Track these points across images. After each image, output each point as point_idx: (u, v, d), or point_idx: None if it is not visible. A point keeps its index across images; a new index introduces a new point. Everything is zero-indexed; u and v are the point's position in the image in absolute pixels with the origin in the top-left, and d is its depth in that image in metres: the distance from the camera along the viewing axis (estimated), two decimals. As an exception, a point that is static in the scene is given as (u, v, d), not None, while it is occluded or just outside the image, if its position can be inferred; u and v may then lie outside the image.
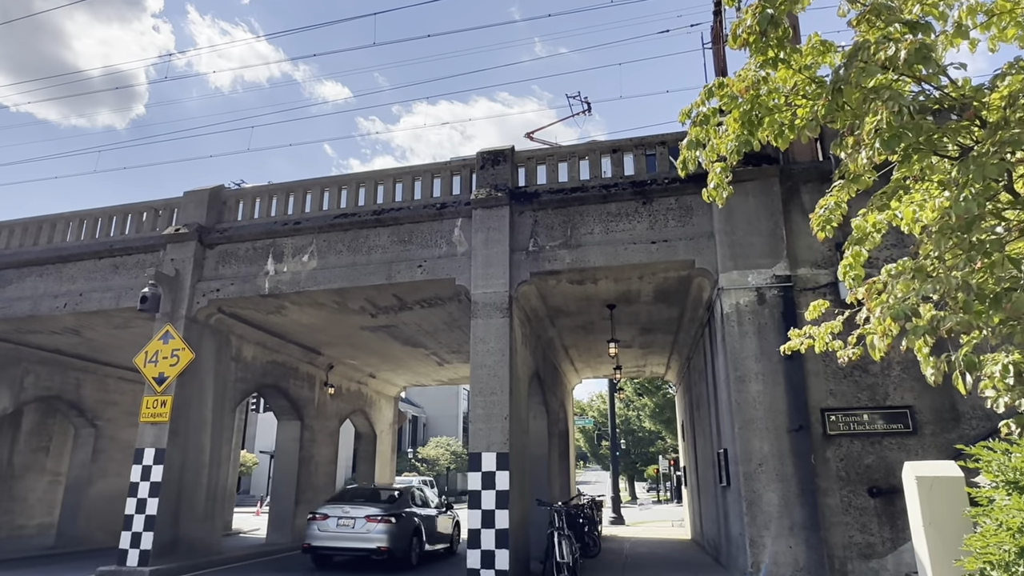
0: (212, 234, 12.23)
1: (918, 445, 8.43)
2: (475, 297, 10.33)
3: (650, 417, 39.55)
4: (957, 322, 2.88)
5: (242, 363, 13.66)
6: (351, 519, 11.67)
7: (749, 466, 8.62)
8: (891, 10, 3.42)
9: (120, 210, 13.37)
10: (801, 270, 9.36)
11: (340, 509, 11.89)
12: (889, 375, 8.73)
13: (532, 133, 20.37)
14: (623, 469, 45.92)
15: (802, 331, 4.84)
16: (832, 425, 8.69)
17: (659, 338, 15.33)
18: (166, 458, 11.00)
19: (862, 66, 3.13)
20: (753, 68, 3.76)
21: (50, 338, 14.52)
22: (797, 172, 9.73)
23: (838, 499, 8.45)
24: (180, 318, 11.72)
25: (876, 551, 8.21)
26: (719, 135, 4.21)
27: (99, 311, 12.56)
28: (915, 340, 3.13)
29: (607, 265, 10.20)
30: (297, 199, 12.26)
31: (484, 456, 9.61)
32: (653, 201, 10.29)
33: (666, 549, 15.16)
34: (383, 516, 11.66)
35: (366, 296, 11.83)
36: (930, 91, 3.65)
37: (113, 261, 12.79)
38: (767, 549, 8.30)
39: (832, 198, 4.20)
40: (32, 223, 13.86)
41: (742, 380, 8.95)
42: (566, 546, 9.47)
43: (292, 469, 15.89)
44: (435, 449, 46.53)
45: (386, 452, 21.00)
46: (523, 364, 11.28)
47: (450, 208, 11.09)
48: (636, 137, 10.90)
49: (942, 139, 3.61)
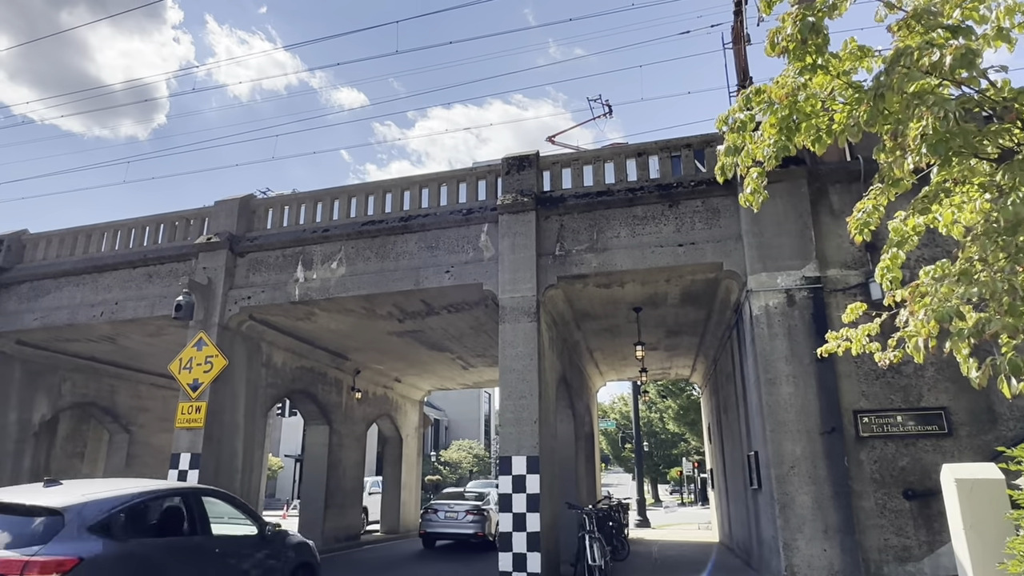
0: (243, 242, 12.46)
1: (954, 447, 8.34)
2: (503, 302, 10.41)
3: (674, 419, 39.35)
4: (1003, 326, 2.89)
5: (272, 369, 13.88)
6: (455, 512, 15.51)
7: (781, 469, 8.58)
8: (932, 15, 3.43)
9: (153, 220, 13.67)
10: (831, 271, 9.31)
11: (446, 505, 15.73)
12: (923, 376, 8.65)
13: (554, 137, 20.43)
14: (646, 471, 45.69)
15: (839, 333, 4.84)
16: (865, 427, 8.63)
17: (685, 340, 15.29)
18: (201, 463, 11.21)
19: (905, 72, 3.15)
20: (792, 75, 3.79)
21: (86, 346, 14.88)
22: (825, 173, 9.68)
23: (872, 502, 8.38)
24: (213, 325, 11.95)
25: (912, 554, 8.14)
26: (754, 140, 4.24)
27: (134, 319, 12.84)
28: (960, 343, 3.14)
29: (634, 268, 10.22)
30: (325, 207, 12.44)
31: (515, 459, 9.67)
32: (679, 204, 10.30)
33: (695, 552, 15.10)
34: (478, 510, 15.35)
35: (394, 302, 11.97)
36: (971, 94, 3.66)
37: (147, 270, 13.08)
38: (801, 552, 8.26)
39: (870, 201, 4.21)
40: (68, 234, 14.22)
41: (772, 382, 8.92)
42: (598, 549, 9.51)
43: (321, 473, 16.09)
44: (457, 452, 46.66)
45: (412, 456, 21.16)
46: (551, 368, 11.34)
47: (476, 214, 11.19)
48: (661, 140, 10.92)
49: (982, 142, 3.62)
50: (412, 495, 21.10)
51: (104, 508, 5.50)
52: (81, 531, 5.17)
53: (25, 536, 5.02)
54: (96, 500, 5.53)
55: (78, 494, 5.56)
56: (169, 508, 6.34)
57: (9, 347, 14.04)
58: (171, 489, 6.70)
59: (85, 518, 5.28)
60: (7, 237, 14.46)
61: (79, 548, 5.03)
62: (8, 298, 13.95)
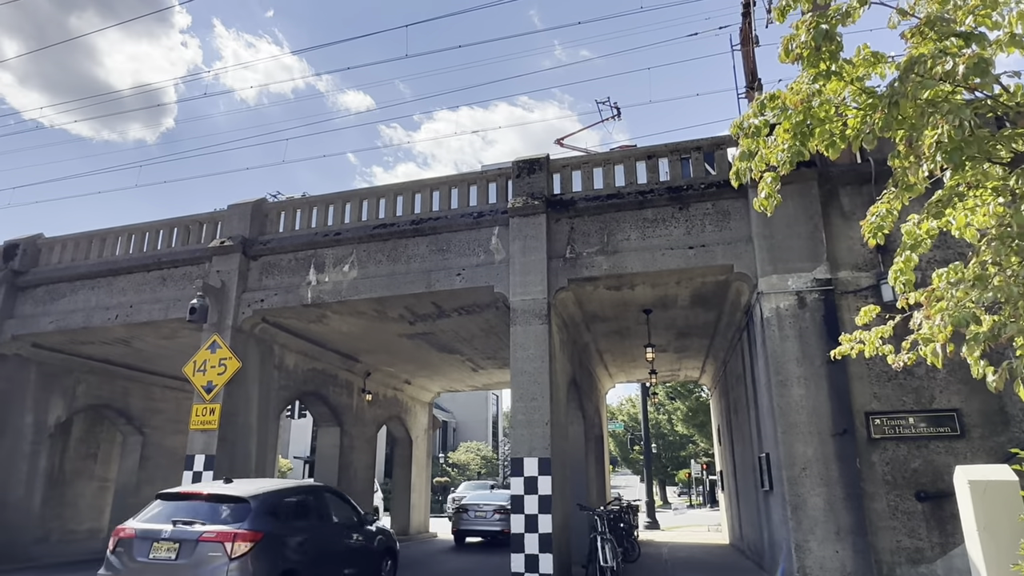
0: (255, 246, 12.58)
1: (967, 448, 8.35)
2: (514, 304, 10.48)
3: (683, 421, 39.29)
4: (1019, 329, 2.93)
5: (284, 371, 14.00)
6: (484, 512, 17.07)
7: (793, 470, 8.61)
8: (945, 22, 3.48)
9: (167, 224, 13.82)
10: (842, 273, 9.33)
11: (476, 506, 17.24)
12: (935, 378, 8.65)
13: (562, 139, 20.47)
14: (654, 473, 45.63)
15: (852, 336, 4.87)
16: (877, 429, 8.65)
17: (695, 342, 15.31)
18: (216, 464, 11.33)
19: (919, 80, 3.20)
20: (806, 81, 3.84)
21: (100, 348, 15.04)
22: (836, 175, 9.70)
23: (885, 503, 8.39)
24: (226, 328, 12.07)
25: (925, 556, 8.14)
26: (768, 145, 4.29)
27: (148, 322, 12.98)
28: (975, 347, 3.18)
29: (644, 271, 10.27)
30: (336, 210, 12.55)
31: (526, 461, 9.73)
32: (689, 206, 10.34)
33: (705, 554, 15.10)
34: (504, 509, 16.03)
35: (405, 304, 12.06)
36: (984, 99, 3.70)
37: (161, 273, 13.22)
38: (813, 554, 8.28)
39: (884, 205, 4.25)
40: (83, 238, 14.38)
41: (784, 384, 8.95)
42: (609, 550, 9.55)
43: (332, 474, 16.18)
44: (465, 454, 46.72)
45: (422, 457, 21.24)
46: (561, 370, 11.40)
47: (487, 217, 11.27)
48: (671, 143, 10.96)
49: (996, 146, 3.66)
50: (422, 497, 21.17)
51: (273, 498, 7.77)
52: (261, 514, 7.34)
53: (229, 517, 7.25)
54: (267, 492, 7.79)
55: (253, 489, 7.73)
56: (306, 499, 8.54)
57: (25, 350, 14.21)
58: (307, 486, 9.44)
59: (264, 505, 7.49)
60: (23, 241, 14.64)
61: (262, 525, 7.23)
62: (24, 301, 14.12)
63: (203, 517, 7.20)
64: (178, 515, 7.28)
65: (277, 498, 7.80)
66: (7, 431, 13.80)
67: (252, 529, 7.01)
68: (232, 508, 7.31)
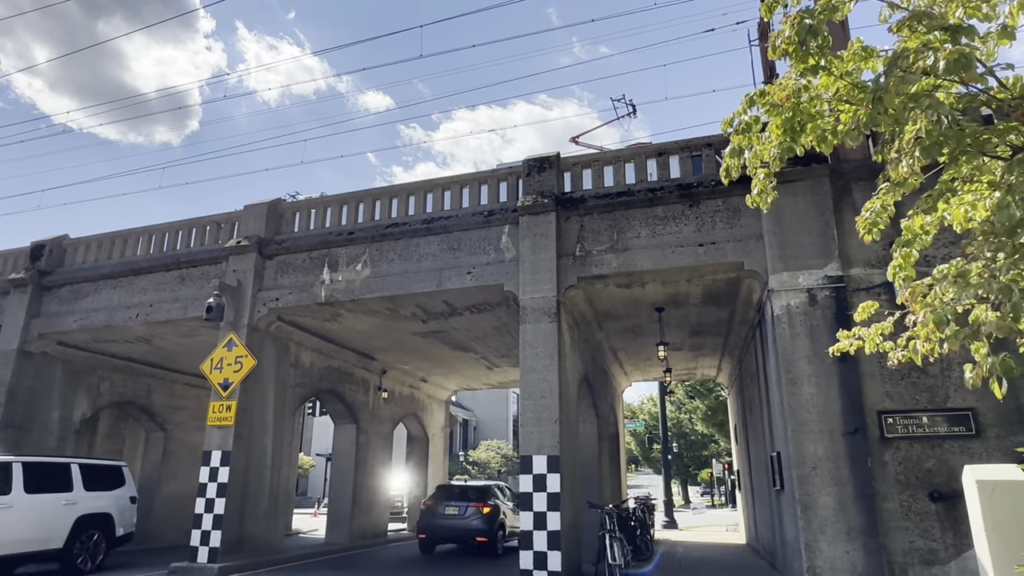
0: (271, 245, 12.77)
1: (982, 448, 8.19)
2: (523, 302, 10.51)
3: (702, 420, 38.97)
4: (998, 327, 2.89)
5: (300, 369, 14.19)
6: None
7: (803, 469, 8.52)
8: (932, 16, 3.43)
9: (185, 224, 14.10)
10: (854, 270, 9.20)
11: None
12: (949, 376, 8.50)
13: (577, 137, 20.45)
14: (676, 473, 45.34)
15: (851, 332, 4.83)
16: (889, 428, 8.52)
17: (709, 340, 15.20)
18: (232, 460, 11.54)
19: (901, 75, 3.17)
20: (794, 77, 3.81)
21: (123, 346, 15.39)
22: (848, 170, 9.57)
23: (897, 503, 8.26)
24: (243, 326, 12.28)
25: (939, 557, 8.01)
26: (761, 141, 4.27)
27: (168, 321, 13.26)
28: (956, 344, 3.14)
29: (654, 268, 10.23)
30: (350, 210, 12.69)
31: (535, 459, 9.76)
32: (700, 203, 10.28)
33: (719, 553, 15.00)
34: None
35: (417, 303, 12.16)
36: (976, 92, 3.64)
37: (180, 273, 13.50)
38: (823, 554, 8.19)
39: (878, 201, 4.20)
40: (105, 239, 14.73)
41: (794, 382, 8.86)
42: (618, 548, 9.54)
43: (349, 472, 16.37)
44: (486, 452, 46.86)
45: (439, 455, 21.37)
46: (572, 368, 11.40)
47: (497, 215, 11.31)
48: (681, 140, 10.90)
49: (991, 140, 3.60)
50: (439, 494, 21.30)
51: (488, 488, 15.66)
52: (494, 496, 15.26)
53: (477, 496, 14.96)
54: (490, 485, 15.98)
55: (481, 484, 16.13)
56: (488, 488, 15.58)
57: (51, 348, 14.60)
58: (493, 483, 16.50)
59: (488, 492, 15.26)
60: (49, 242, 15.04)
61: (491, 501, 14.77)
62: (50, 301, 14.51)
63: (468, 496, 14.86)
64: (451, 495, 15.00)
65: (492, 486, 15.85)
66: (34, 427, 14.19)
67: (486, 503, 14.59)
68: (478, 491, 15.12)
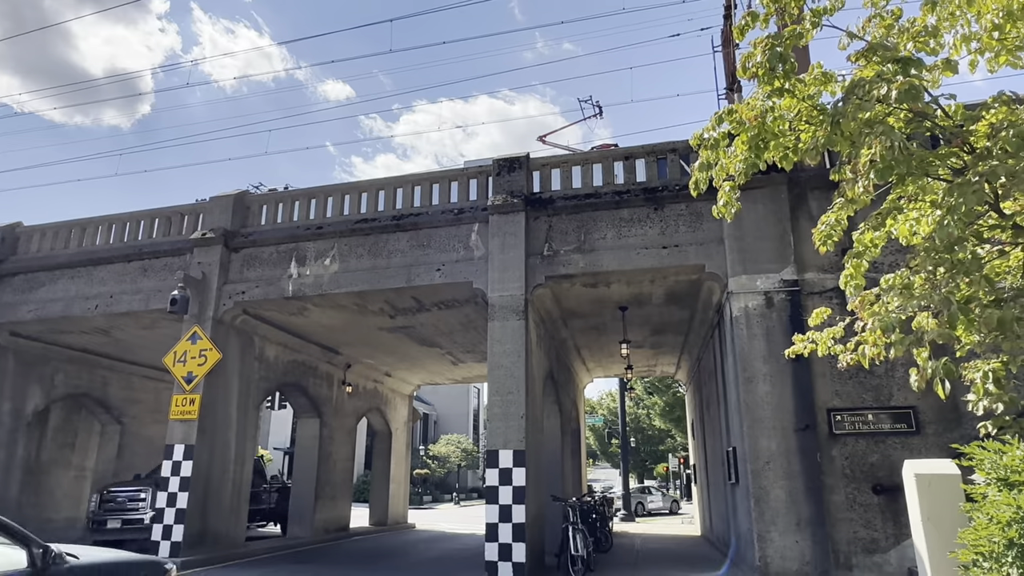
0: (237, 238, 12.66)
1: (921, 444, 8.73)
2: (492, 300, 10.70)
3: (660, 416, 39.83)
4: (939, 334, 3.22)
5: (265, 362, 14.11)
6: None
7: (757, 464, 8.95)
8: (887, 48, 3.76)
9: (148, 215, 13.84)
10: (808, 275, 9.67)
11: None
12: (893, 376, 9.03)
13: (545, 136, 20.72)
14: (633, 467, 46.19)
15: (805, 336, 5.17)
16: (838, 424, 9.01)
17: (670, 339, 15.65)
18: (195, 454, 11.45)
19: (858, 102, 3.47)
20: (761, 98, 4.10)
21: (79, 338, 15.04)
22: (805, 179, 10.03)
23: (843, 496, 8.76)
24: (207, 319, 12.17)
25: (880, 546, 8.53)
26: (728, 156, 4.56)
27: (128, 312, 13.03)
28: (901, 349, 3.46)
29: (619, 269, 10.54)
30: (319, 204, 12.67)
31: (501, 453, 9.98)
32: (664, 207, 10.62)
33: (676, 544, 15.50)
34: None
35: (385, 298, 12.23)
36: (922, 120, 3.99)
37: (142, 264, 13.27)
38: (774, 544, 8.64)
39: (833, 215, 4.54)
40: (63, 227, 14.35)
41: (750, 381, 9.28)
42: (580, 540, 9.84)
43: (312, 466, 16.34)
44: (446, 446, 46.97)
45: (401, 449, 21.43)
46: (538, 364, 11.65)
47: (467, 213, 11.47)
48: (648, 144, 11.24)
49: (934, 163, 3.95)
50: (401, 488, 21.39)
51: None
52: None
53: None
54: None
55: None
56: None
57: (3, 338, 14.19)
58: None
59: None
60: (2, 229, 14.58)
61: None
62: (3, 290, 14.09)
63: None
64: None
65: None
66: (-16, 419, 13.79)
67: None
68: None
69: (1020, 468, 4.22)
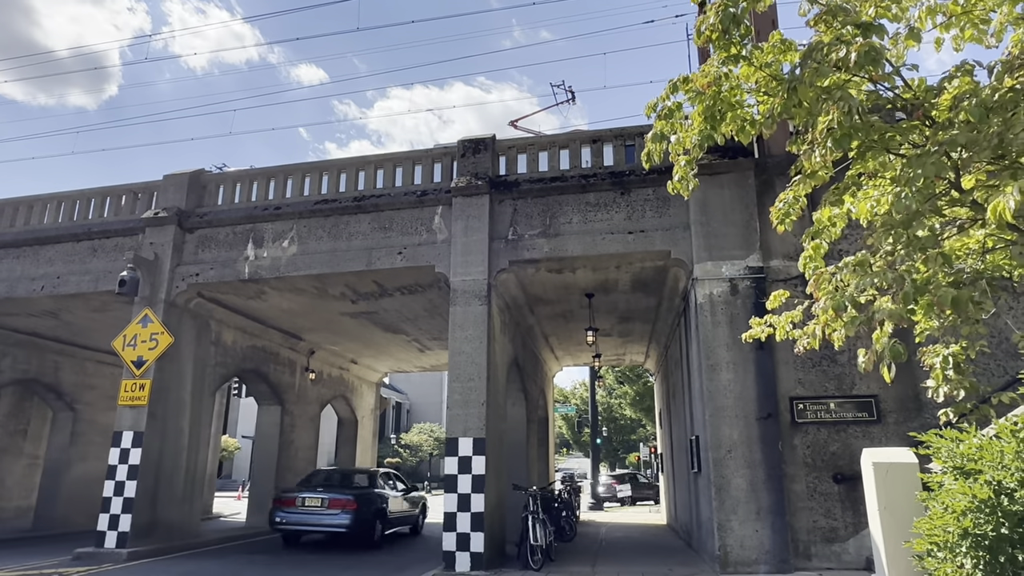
0: (192, 218, 12.19)
1: (882, 433, 8.69)
2: (454, 284, 10.42)
3: (631, 405, 39.95)
4: (893, 313, 3.03)
5: (222, 347, 13.68)
6: None
7: (719, 452, 8.84)
8: (847, 12, 3.54)
9: (99, 193, 13.28)
10: (774, 262, 9.55)
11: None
12: (856, 365, 8.93)
13: (516, 121, 20.40)
14: (605, 456, 46.37)
15: (763, 320, 5.00)
16: (800, 413, 8.93)
17: (638, 327, 15.52)
18: (144, 441, 11.03)
19: (815, 67, 3.25)
20: (716, 64, 3.87)
21: (27, 321, 14.44)
22: (771, 165, 9.89)
23: (804, 485, 8.69)
24: (159, 302, 11.71)
25: (839, 535, 8.48)
26: (684, 129, 4.33)
27: (77, 294, 12.50)
28: (852, 329, 3.28)
29: (585, 254, 10.33)
30: (278, 184, 12.24)
31: (461, 441, 9.74)
32: (631, 192, 10.42)
33: (640, 534, 15.45)
34: None
35: (346, 282, 11.88)
36: (884, 91, 3.79)
37: (91, 244, 12.72)
38: (735, 533, 8.54)
39: (791, 192, 4.34)
40: (8, 204, 13.71)
41: (714, 368, 9.15)
42: (540, 530, 9.66)
43: (272, 454, 15.96)
44: (418, 435, 46.71)
45: (367, 437, 21.12)
46: (502, 351, 11.41)
47: (431, 196, 11.15)
48: (616, 128, 11.01)
49: (895, 138, 3.76)
50: (367, 477, 21.08)
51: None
52: None
53: None
54: None
55: None
56: None
57: (-56, 320, 13.55)
58: None
59: None
60: (-57, 206, 13.87)
61: None
62: (-57, 269, 13.42)
63: None
64: None
65: None
66: (-77, 405, 13.17)
67: None
68: None
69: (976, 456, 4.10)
